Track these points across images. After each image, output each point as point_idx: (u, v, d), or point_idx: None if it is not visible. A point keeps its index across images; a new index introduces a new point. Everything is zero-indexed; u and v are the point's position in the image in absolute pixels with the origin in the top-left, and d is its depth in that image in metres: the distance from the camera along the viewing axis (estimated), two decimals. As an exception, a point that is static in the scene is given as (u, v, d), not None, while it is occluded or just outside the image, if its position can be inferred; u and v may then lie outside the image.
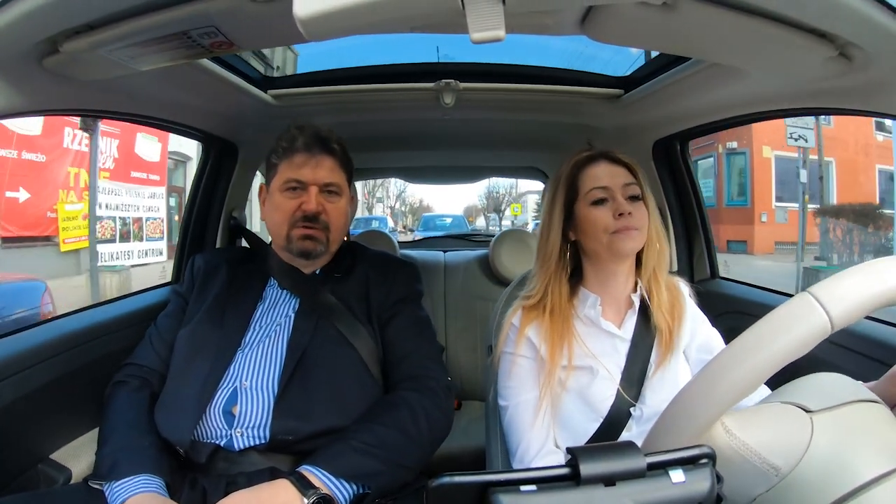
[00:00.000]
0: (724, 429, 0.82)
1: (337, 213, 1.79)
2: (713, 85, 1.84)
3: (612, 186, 1.55)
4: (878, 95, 1.40)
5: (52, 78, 1.43)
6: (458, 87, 2.17)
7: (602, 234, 1.53)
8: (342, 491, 1.39)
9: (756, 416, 0.86)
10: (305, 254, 1.75)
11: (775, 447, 0.81)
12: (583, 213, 1.57)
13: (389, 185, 47.10)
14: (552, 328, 1.57)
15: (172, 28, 1.26)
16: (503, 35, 0.88)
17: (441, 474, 0.68)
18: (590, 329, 1.60)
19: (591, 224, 1.55)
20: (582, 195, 1.58)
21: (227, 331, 1.70)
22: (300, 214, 1.73)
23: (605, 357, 1.56)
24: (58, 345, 1.76)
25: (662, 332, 1.58)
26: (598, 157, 1.62)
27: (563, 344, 1.55)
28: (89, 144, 11.01)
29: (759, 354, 0.77)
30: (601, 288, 1.63)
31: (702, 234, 2.70)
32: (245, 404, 1.56)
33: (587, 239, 1.58)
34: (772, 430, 0.83)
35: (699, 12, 1.14)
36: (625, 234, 1.52)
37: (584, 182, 1.59)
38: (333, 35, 0.98)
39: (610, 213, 1.53)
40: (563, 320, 1.58)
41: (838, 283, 0.78)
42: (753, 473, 0.81)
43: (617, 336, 1.59)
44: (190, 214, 2.58)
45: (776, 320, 0.78)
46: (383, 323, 1.76)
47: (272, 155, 1.80)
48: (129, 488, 1.40)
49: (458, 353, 3.17)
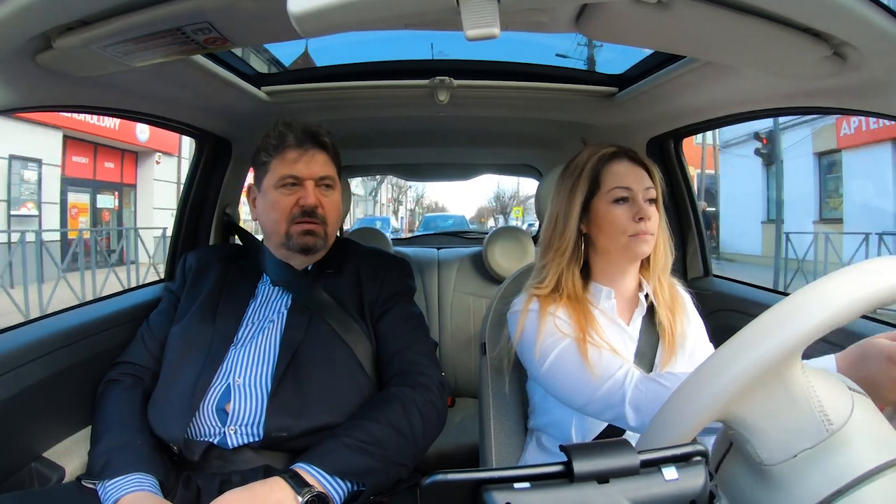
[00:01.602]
0: (802, 369, 0.82)
1: (332, 206, 1.79)
2: (707, 83, 1.85)
3: (635, 188, 1.56)
4: (872, 95, 1.40)
5: (46, 74, 1.42)
6: (453, 84, 2.17)
7: (620, 235, 1.54)
8: (337, 489, 1.39)
9: (820, 371, 0.86)
10: (306, 249, 1.75)
11: (833, 402, 0.81)
12: (602, 210, 1.57)
13: (409, 189, 50.97)
14: (575, 312, 1.55)
15: (166, 24, 1.25)
16: (498, 32, 0.88)
17: (434, 472, 0.68)
18: (606, 321, 1.60)
19: (610, 222, 1.55)
20: (604, 191, 1.58)
21: (219, 327, 1.69)
22: (298, 210, 1.73)
23: (620, 351, 1.55)
24: (50, 342, 1.75)
25: (666, 331, 1.59)
26: (622, 154, 1.62)
27: (588, 328, 1.53)
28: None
29: (753, 354, 0.77)
30: (610, 284, 1.63)
31: (695, 232, 2.70)
32: (238, 401, 1.56)
33: (603, 236, 1.58)
34: (831, 386, 0.83)
35: (694, 11, 1.14)
36: (642, 239, 1.53)
37: (606, 178, 1.58)
38: (327, 31, 0.98)
39: (630, 213, 1.54)
40: (582, 307, 1.57)
41: (832, 282, 0.78)
42: (808, 422, 0.80)
43: (626, 333, 1.60)
44: (183, 211, 2.57)
45: (771, 319, 0.78)
46: (376, 319, 1.76)
47: (261, 153, 1.79)
48: (122, 487, 1.40)
49: (451, 350, 3.18)
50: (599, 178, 1.59)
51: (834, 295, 0.77)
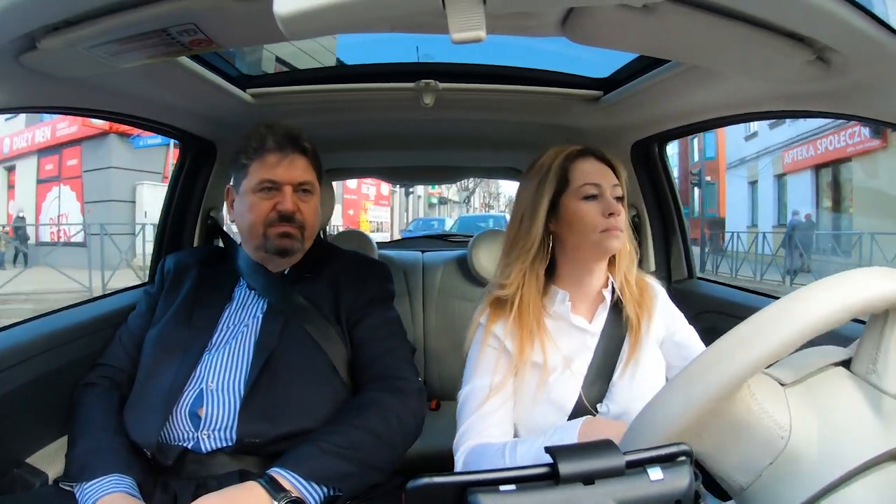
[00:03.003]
0: (749, 391, 0.83)
1: (311, 211, 1.79)
2: (692, 87, 1.86)
3: (603, 185, 1.56)
4: (856, 99, 1.42)
5: (30, 75, 1.41)
6: (438, 87, 2.17)
7: (591, 232, 1.54)
8: (313, 493, 1.39)
9: (758, 378, 0.86)
10: (283, 251, 1.74)
11: (778, 406, 0.82)
12: (572, 207, 1.57)
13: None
14: (521, 324, 1.56)
15: (151, 25, 1.25)
16: (484, 35, 0.88)
17: (420, 475, 0.68)
18: (559, 325, 1.60)
19: (580, 219, 1.55)
20: (573, 188, 1.57)
21: (194, 332, 1.69)
22: (275, 215, 1.72)
23: (573, 354, 1.57)
24: (31, 347, 1.73)
25: (633, 325, 1.59)
26: (588, 153, 1.62)
27: (533, 340, 1.55)
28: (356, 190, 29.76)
29: (740, 356, 0.77)
30: (574, 283, 1.63)
31: (679, 234, 2.72)
32: (211, 406, 1.55)
33: (573, 234, 1.57)
34: (772, 392, 0.84)
35: (679, 15, 1.14)
36: (613, 234, 1.53)
37: (575, 175, 1.58)
38: (314, 34, 0.98)
39: (599, 209, 1.54)
40: (532, 317, 1.57)
41: (819, 289, 0.79)
42: (764, 438, 0.81)
43: (587, 331, 1.60)
44: (167, 214, 2.55)
45: (759, 323, 0.79)
46: (354, 323, 1.75)
47: (241, 156, 1.77)
48: (100, 489, 1.40)
49: (436, 354, 3.16)
50: (568, 176, 1.59)
51: (779, 324, 0.78)
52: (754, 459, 0.81)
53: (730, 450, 0.81)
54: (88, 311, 2.07)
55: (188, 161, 2.54)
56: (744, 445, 0.82)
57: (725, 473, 0.83)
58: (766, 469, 0.80)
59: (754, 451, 0.81)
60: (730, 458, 0.81)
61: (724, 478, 0.84)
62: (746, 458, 0.82)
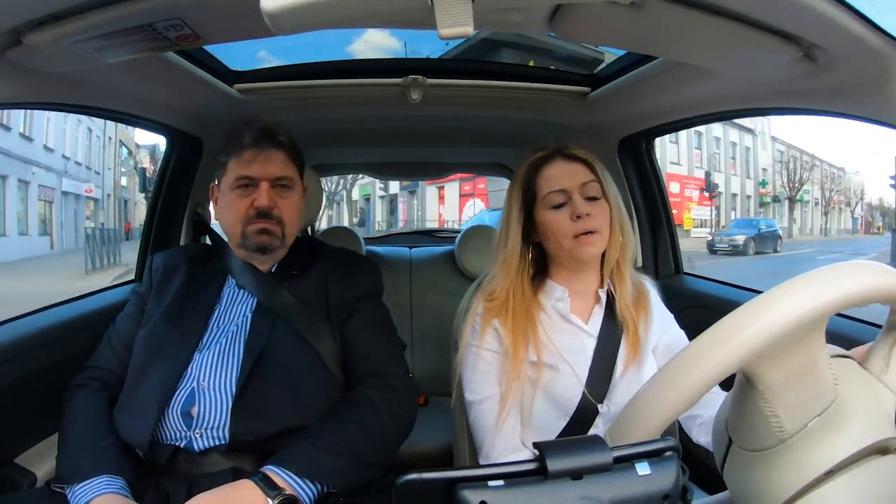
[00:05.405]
0: (822, 340, 0.83)
1: (290, 207, 1.76)
2: (680, 84, 1.86)
3: (570, 188, 1.54)
4: (842, 96, 1.43)
5: (15, 70, 1.39)
6: (425, 83, 2.16)
7: (563, 239, 1.52)
8: (306, 491, 1.38)
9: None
10: (262, 248, 1.72)
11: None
12: (543, 219, 1.56)
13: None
14: (516, 323, 1.55)
15: (138, 20, 1.24)
16: (471, 31, 0.88)
17: (408, 471, 0.68)
18: (557, 323, 1.60)
19: (551, 229, 1.54)
20: (540, 199, 1.57)
21: (184, 331, 1.67)
22: (253, 212, 1.70)
23: (571, 354, 1.55)
24: (18, 346, 1.72)
25: (628, 326, 1.58)
26: (554, 155, 1.60)
27: (529, 339, 1.54)
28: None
29: (724, 349, 0.77)
30: (568, 283, 1.62)
31: (667, 230, 2.73)
32: (203, 405, 1.54)
33: (550, 243, 1.57)
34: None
35: (667, 12, 1.15)
36: (586, 240, 1.51)
37: (541, 185, 1.57)
38: (301, 29, 0.97)
39: (568, 216, 1.52)
40: (528, 315, 1.57)
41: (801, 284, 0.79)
42: (824, 387, 0.81)
43: (584, 331, 1.59)
44: (154, 211, 2.54)
45: (742, 316, 0.79)
46: (343, 320, 1.74)
47: (220, 153, 1.76)
48: (91, 490, 1.39)
49: (424, 349, 3.17)
50: (534, 187, 1.58)
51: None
52: (807, 406, 0.81)
53: (792, 388, 0.80)
54: (75, 309, 2.06)
55: (175, 158, 2.52)
56: (805, 389, 0.81)
57: (776, 416, 0.81)
58: (813, 421, 0.80)
59: (809, 398, 0.81)
60: (788, 399, 0.80)
61: (771, 422, 0.82)
62: (802, 402, 0.81)
